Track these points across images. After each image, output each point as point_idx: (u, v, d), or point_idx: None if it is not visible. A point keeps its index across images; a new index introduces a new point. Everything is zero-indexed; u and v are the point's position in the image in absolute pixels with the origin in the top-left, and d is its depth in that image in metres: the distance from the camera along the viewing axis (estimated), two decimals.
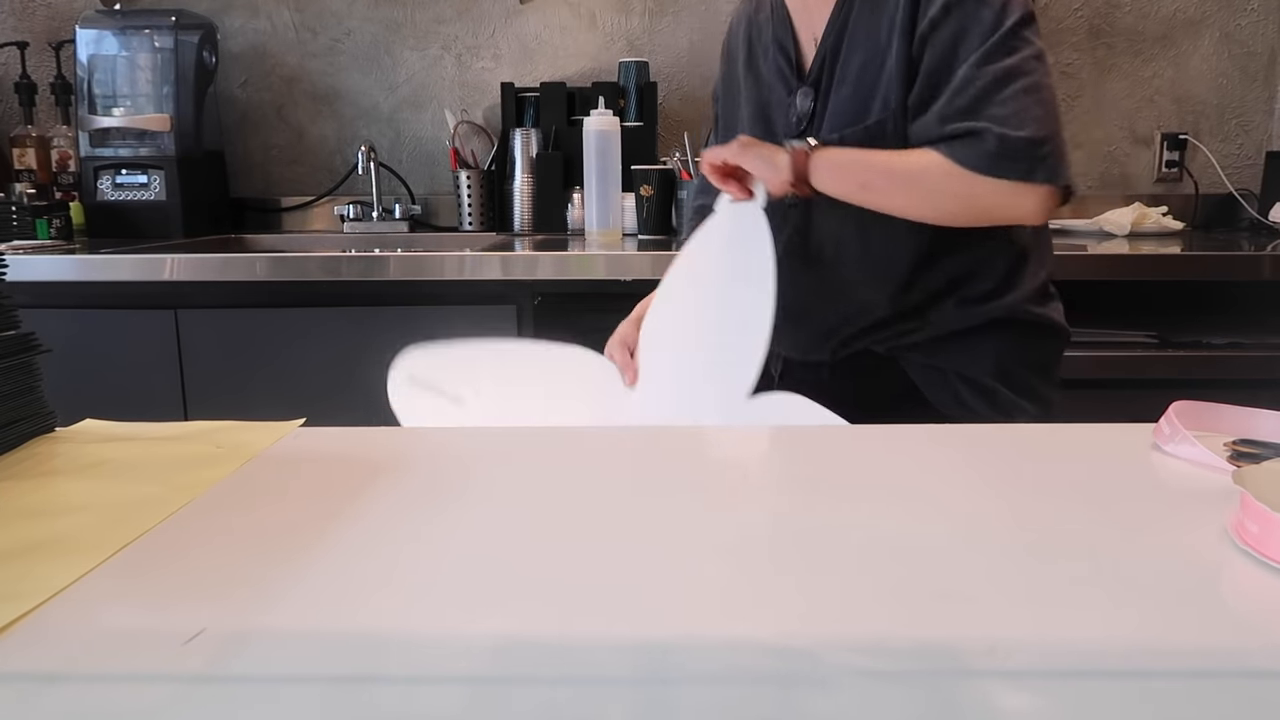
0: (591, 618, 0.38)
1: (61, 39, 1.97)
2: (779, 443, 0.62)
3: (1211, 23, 1.99)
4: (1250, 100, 2.02)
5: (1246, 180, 2.01)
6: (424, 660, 0.35)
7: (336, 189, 2.08)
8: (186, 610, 0.39)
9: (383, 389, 1.04)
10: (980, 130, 0.82)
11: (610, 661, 0.34)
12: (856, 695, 0.32)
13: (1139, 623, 0.37)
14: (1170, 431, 0.59)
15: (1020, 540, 0.46)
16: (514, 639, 0.36)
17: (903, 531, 0.47)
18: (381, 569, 0.43)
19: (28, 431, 0.62)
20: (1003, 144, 0.82)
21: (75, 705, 0.32)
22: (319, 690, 0.33)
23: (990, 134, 0.82)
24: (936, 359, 0.95)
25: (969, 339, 0.94)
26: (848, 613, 0.38)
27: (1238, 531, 0.44)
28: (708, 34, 2.03)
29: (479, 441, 0.65)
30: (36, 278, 1.45)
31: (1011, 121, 0.82)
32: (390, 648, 0.36)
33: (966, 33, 0.85)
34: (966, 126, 0.83)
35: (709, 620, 0.38)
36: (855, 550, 0.44)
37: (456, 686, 0.33)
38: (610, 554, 0.44)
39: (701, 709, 0.31)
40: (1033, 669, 0.33)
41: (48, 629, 0.37)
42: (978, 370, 0.94)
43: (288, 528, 0.48)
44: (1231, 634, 0.36)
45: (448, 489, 0.54)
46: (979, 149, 0.82)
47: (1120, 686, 0.33)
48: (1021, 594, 0.40)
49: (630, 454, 0.62)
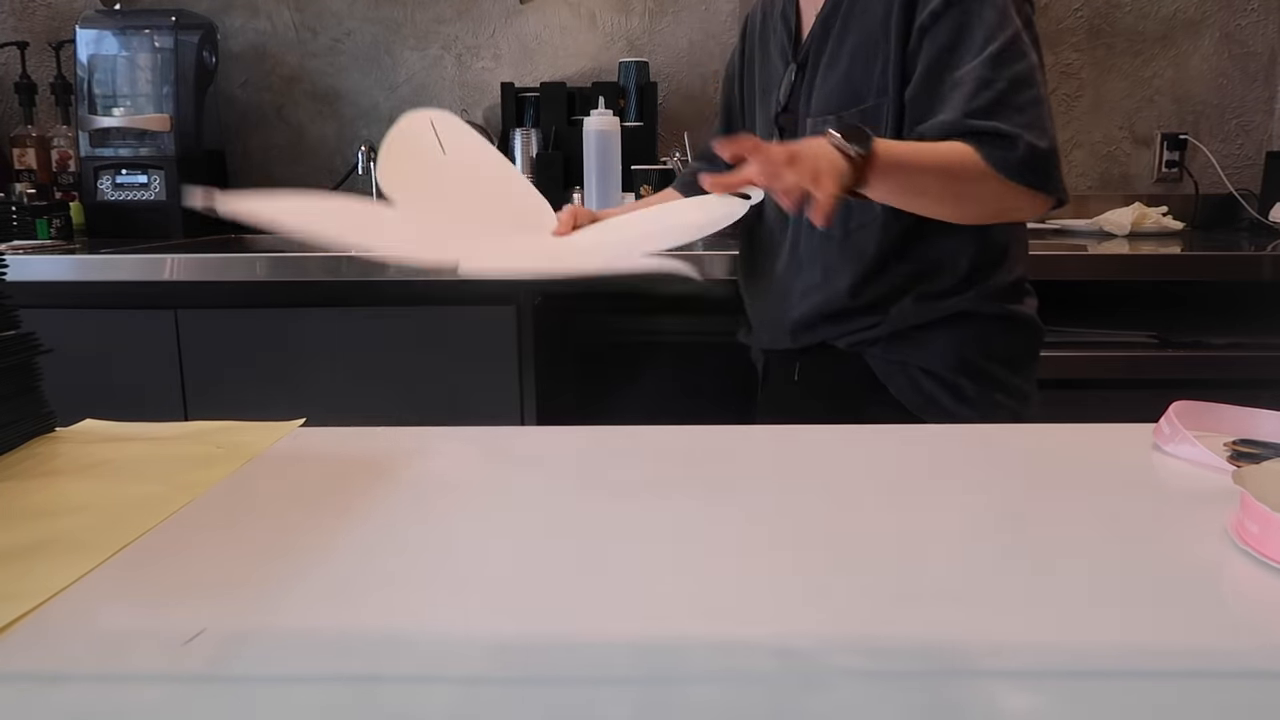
0: (592, 617, 0.38)
1: (61, 39, 1.96)
2: (778, 441, 0.62)
3: (1211, 23, 1.99)
4: (1250, 100, 2.02)
5: (1246, 180, 2.01)
6: (425, 660, 0.35)
7: (336, 189, 2.08)
8: (187, 610, 0.39)
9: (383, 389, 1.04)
10: (1012, 136, 0.82)
11: (610, 661, 0.34)
12: (854, 695, 0.32)
13: (1139, 622, 0.37)
14: (1170, 432, 0.59)
15: (1020, 540, 0.46)
16: (515, 638, 0.36)
17: (903, 531, 0.47)
18: (382, 568, 0.43)
19: (28, 431, 0.62)
20: (1032, 153, 0.82)
21: (76, 705, 0.32)
22: (319, 690, 0.32)
23: (1022, 141, 0.82)
24: (897, 353, 0.95)
25: (929, 333, 0.94)
26: (846, 613, 0.38)
27: (1238, 531, 0.44)
28: (708, 34, 2.03)
29: (479, 440, 0.65)
30: (36, 278, 1.45)
31: (1034, 131, 0.82)
32: (391, 647, 0.36)
33: (969, 29, 0.85)
34: (994, 127, 0.82)
35: (708, 620, 0.38)
36: (855, 550, 0.44)
37: (457, 686, 0.33)
38: (610, 552, 0.44)
39: (700, 709, 0.31)
40: (1032, 669, 0.33)
41: (48, 629, 0.37)
42: (939, 364, 0.94)
43: (288, 528, 0.48)
44: (1231, 634, 0.36)
45: (448, 488, 0.54)
46: (1013, 155, 0.82)
47: (1120, 686, 0.33)
48: (1021, 594, 0.40)
49: (630, 452, 0.62)
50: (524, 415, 1.46)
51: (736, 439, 0.65)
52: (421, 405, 1.45)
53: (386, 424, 0.67)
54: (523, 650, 0.35)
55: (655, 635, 0.36)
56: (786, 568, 0.43)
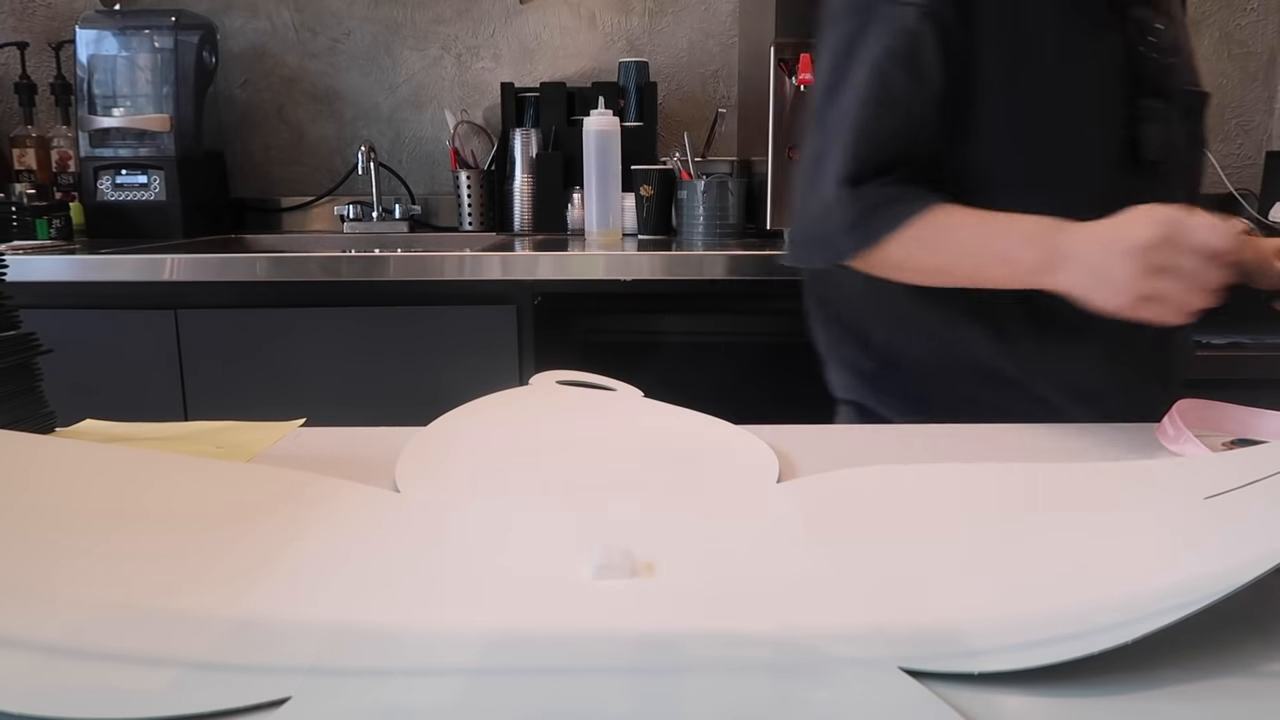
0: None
1: (61, 39, 1.96)
2: (777, 439, 0.62)
3: (1211, 23, 1.99)
4: (1250, 100, 2.02)
5: (1246, 180, 2.01)
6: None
7: (336, 189, 2.08)
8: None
9: (383, 389, 1.04)
10: None
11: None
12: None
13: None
14: (1174, 432, 0.59)
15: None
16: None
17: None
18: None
19: (28, 431, 0.62)
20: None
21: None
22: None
23: None
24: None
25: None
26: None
27: None
28: (708, 34, 2.03)
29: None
30: (36, 278, 1.45)
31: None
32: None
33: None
34: None
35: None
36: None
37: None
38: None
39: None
40: (1032, 665, 0.33)
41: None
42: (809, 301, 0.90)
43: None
44: (1232, 634, 0.36)
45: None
46: None
47: (1119, 686, 0.33)
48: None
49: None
50: None
51: (735, 436, 0.65)
52: (422, 405, 1.45)
53: (386, 424, 0.67)
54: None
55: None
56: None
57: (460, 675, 0.33)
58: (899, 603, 0.39)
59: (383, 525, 0.48)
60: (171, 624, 0.37)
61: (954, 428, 0.67)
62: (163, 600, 0.39)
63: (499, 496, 0.53)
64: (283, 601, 0.39)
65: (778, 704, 0.31)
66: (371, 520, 0.48)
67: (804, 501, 0.51)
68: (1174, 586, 0.36)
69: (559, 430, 0.66)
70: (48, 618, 0.37)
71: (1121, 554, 0.41)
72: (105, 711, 0.31)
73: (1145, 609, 0.34)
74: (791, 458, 0.60)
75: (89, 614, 0.38)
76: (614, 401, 0.74)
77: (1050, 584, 0.40)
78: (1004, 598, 0.39)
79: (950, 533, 0.46)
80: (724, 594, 0.40)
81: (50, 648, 0.35)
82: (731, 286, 1.42)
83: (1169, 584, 0.36)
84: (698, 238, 1.69)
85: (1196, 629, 0.36)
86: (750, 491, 0.54)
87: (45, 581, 0.40)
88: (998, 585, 0.40)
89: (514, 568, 0.43)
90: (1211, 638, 0.36)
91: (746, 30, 1.84)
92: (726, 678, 0.33)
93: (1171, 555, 0.40)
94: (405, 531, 0.47)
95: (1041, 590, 0.39)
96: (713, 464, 0.59)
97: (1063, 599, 0.38)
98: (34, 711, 0.30)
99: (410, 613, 0.38)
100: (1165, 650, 0.35)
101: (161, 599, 0.39)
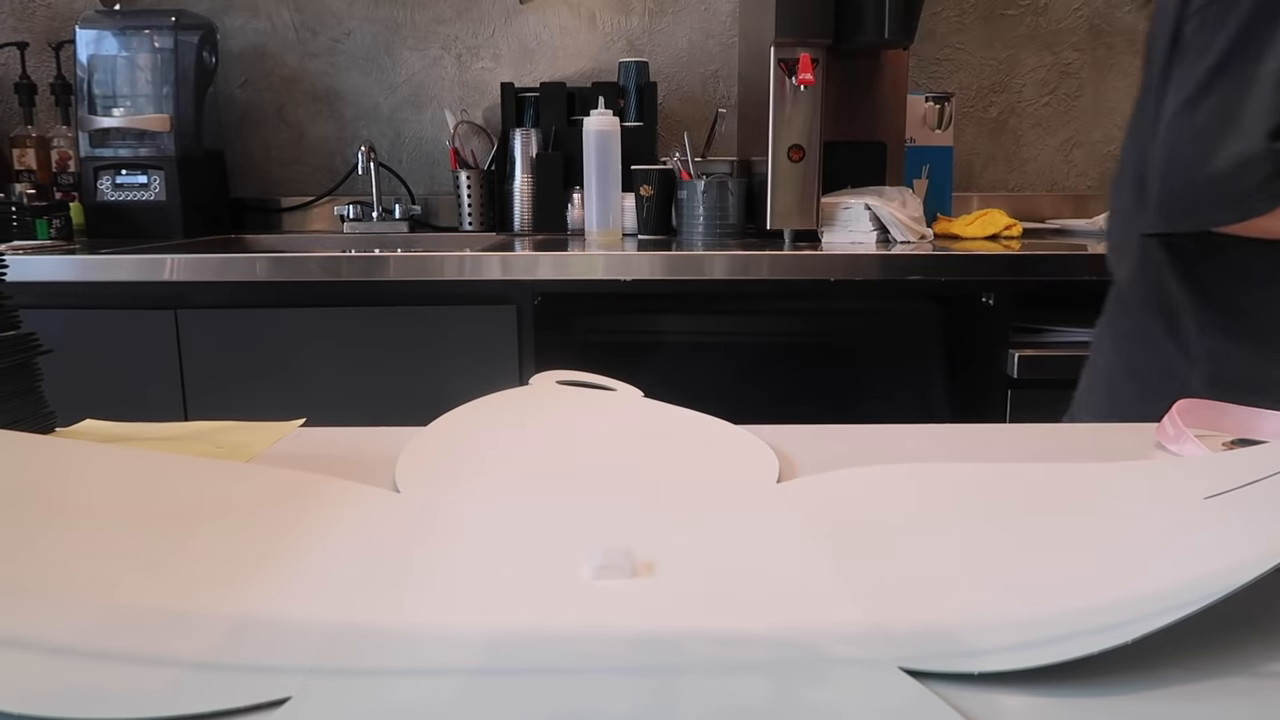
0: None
1: (61, 39, 1.96)
2: (777, 439, 0.62)
3: None
4: None
5: None
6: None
7: (336, 189, 2.08)
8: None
9: (383, 389, 1.04)
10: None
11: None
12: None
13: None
14: (1174, 432, 0.59)
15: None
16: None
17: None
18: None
19: (28, 431, 0.62)
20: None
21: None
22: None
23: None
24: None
25: None
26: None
27: None
28: (708, 34, 2.03)
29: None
30: (36, 278, 1.45)
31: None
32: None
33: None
34: None
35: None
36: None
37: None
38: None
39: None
40: (1032, 664, 0.33)
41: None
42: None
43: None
44: (1233, 634, 0.36)
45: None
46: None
47: (1120, 685, 0.33)
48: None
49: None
50: None
51: (733, 433, 0.65)
52: (422, 405, 1.45)
53: (386, 424, 0.67)
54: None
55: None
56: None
57: (460, 675, 0.33)
58: (899, 602, 0.39)
59: (383, 525, 0.48)
60: (171, 624, 0.37)
61: (954, 428, 0.67)
62: (162, 600, 0.39)
63: (499, 496, 0.53)
64: (283, 601, 0.39)
65: (778, 704, 0.31)
66: (372, 520, 0.48)
67: (804, 501, 0.51)
68: (1174, 586, 0.36)
69: (559, 430, 0.66)
70: (47, 618, 0.37)
71: (1122, 554, 0.42)
72: (105, 712, 0.31)
73: (1146, 609, 0.35)
74: (791, 458, 0.60)
75: (89, 614, 0.37)
76: (614, 401, 0.74)
77: (1051, 584, 0.40)
78: (1004, 598, 0.39)
79: (950, 532, 0.46)
80: (724, 594, 0.40)
81: (50, 648, 0.35)
82: (731, 286, 1.42)
83: (1169, 584, 0.37)
84: (698, 238, 1.69)
85: (1197, 629, 0.36)
86: (750, 491, 0.54)
87: (45, 582, 0.40)
88: (998, 585, 0.40)
89: (514, 567, 0.43)
90: (1212, 638, 0.36)
91: (746, 30, 1.84)
92: (727, 678, 0.33)
93: (1171, 555, 0.40)
94: (406, 531, 0.47)
95: (1042, 590, 0.39)
96: (713, 464, 0.59)
97: (1063, 599, 0.38)
98: (34, 711, 0.30)
99: (410, 613, 0.38)
100: (1166, 650, 0.34)
101: (161, 599, 0.39)
